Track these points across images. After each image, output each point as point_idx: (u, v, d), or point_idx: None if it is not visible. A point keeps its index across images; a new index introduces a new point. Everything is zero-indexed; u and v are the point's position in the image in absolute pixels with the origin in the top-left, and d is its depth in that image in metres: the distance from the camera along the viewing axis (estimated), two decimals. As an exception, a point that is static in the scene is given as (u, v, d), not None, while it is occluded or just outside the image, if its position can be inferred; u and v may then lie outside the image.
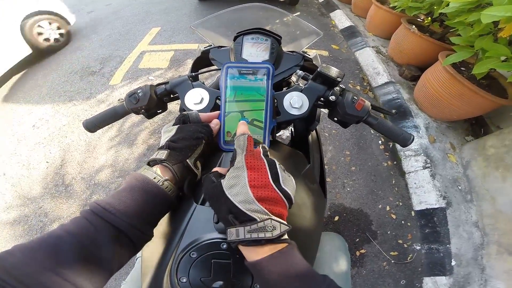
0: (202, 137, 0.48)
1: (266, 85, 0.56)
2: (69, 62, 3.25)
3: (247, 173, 0.39)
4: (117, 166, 2.02)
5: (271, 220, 0.36)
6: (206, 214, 0.46)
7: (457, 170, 1.86)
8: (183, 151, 0.46)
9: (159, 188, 0.42)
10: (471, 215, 1.65)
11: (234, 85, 0.56)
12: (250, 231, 0.35)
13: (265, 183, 0.38)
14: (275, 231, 0.35)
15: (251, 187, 0.37)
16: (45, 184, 1.94)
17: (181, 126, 0.49)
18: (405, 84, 2.60)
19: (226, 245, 0.42)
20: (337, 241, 0.82)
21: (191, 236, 0.44)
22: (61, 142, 2.21)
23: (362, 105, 0.60)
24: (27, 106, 2.62)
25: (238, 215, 0.37)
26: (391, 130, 0.62)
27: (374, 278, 1.51)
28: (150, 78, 2.85)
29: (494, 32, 1.66)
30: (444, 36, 2.49)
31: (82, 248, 0.33)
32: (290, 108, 0.61)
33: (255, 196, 0.37)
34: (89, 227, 0.35)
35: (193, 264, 0.42)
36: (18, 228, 1.73)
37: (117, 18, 4.40)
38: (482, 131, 2.12)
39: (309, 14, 4.42)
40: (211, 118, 0.55)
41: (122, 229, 0.36)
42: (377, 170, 2.00)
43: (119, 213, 0.37)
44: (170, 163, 0.44)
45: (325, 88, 0.63)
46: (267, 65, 0.56)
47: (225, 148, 0.56)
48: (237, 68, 0.57)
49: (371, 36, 3.50)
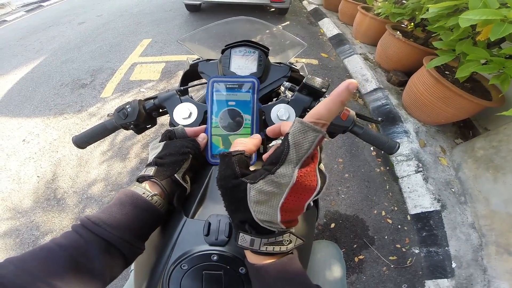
0: (189, 152, 0.49)
1: (251, 99, 0.57)
2: (60, 75, 3.22)
3: (287, 195, 0.30)
4: (109, 180, 1.98)
5: (289, 234, 0.35)
6: (196, 227, 0.47)
7: (449, 172, 1.90)
8: (170, 167, 0.47)
9: (148, 203, 0.42)
10: (466, 217, 1.67)
11: (220, 99, 0.57)
12: (267, 244, 0.34)
13: (300, 207, 0.32)
14: (290, 245, 0.35)
15: (282, 211, 0.31)
16: (36, 198, 1.90)
17: (167, 142, 0.50)
18: (393, 89, 2.66)
19: (216, 257, 0.42)
20: (331, 248, 0.81)
21: (182, 248, 0.45)
22: (52, 156, 2.17)
23: (347, 115, 0.61)
24: (17, 120, 2.57)
25: (255, 226, 0.34)
26: (377, 138, 0.63)
27: (374, 283, 1.51)
28: (141, 90, 2.84)
29: (473, 36, 1.72)
30: (428, 41, 2.57)
31: (73, 260, 0.33)
32: (278, 120, 0.62)
33: (283, 219, 0.32)
34: (80, 240, 0.35)
35: (185, 276, 0.42)
36: (10, 241, 1.68)
37: (108, 29, 4.41)
38: (471, 133, 2.18)
39: (298, 23, 4.51)
40: (198, 133, 0.55)
41: (112, 242, 0.37)
42: (370, 176, 2.02)
43: (109, 227, 0.37)
44: (158, 178, 0.45)
45: (311, 99, 0.64)
46: (252, 79, 0.57)
47: (212, 161, 0.56)
48: (223, 83, 0.57)
49: (359, 43, 3.58)
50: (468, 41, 1.71)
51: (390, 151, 0.62)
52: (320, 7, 4.99)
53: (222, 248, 0.43)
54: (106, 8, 5.62)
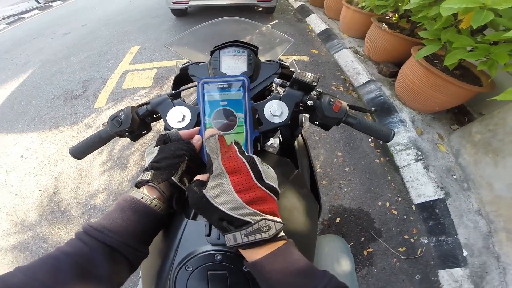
0: (184, 154, 0.49)
1: (243, 97, 0.57)
2: (51, 87, 3.17)
3: (229, 178, 0.38)
4: (111, 189, 1.97)
5: (265, 220, 0.37)
6: (198, 228, 0.47)
7: (448, 159, 1.93)
8: (166, 170, 0.47)
9: (147, 207, 0.43)
10: (471, 204, 1.67)
11: (211, 100, 0.57)
12: (247, 235, 0.36)
13: (251, 184, 0.39)
14: (271, 230, 0.37)
15: (238, 192, 0.38)
16: (40, 211, 1.88)
17: (162, 146, 0.50)
18: (385, 81, 2.70)
19: (220, 256, 0.43)
20: (337, 242, 0.82)
21: (185, 250, 0.45)
22: (51, 170, 2.14)
23: (339, 107, 0.62)
24: (12, 136, 2.53)
25: (231, 222, 0.37)
26: (371, 127, 0.64)
27: (386, 276, 1.51)
28: (135, 98, 2.82)
29: (456, 24, 1.74)
30: (413, 31, 2.60)
31: (79, 267, 0.34)
32: (271, 117, 0.62)
33: (244, 200, 0.37)
34: (84, 247, 0.36)
35: (190, 277, 0.43)
36: (20, 254, 1.68)
37: (94, 38, 4.35)
38: (466, 119, 2.22)
39: (286, 21, 4.53)
40: (193, 135, 0.55)
41: (116, 248, 0.38)
42: (371, 168, 2.05)
43: (111, 233, 0.38)
44: (155, 182, 0.45)
45: (302, 94, 0.64)
46: (242, 77, 0.57)
47: None
48: (213, 83, 0.57)
49: (347, 37, 3.62)
50: (452, 29, 1.74)
51: (386, 139, 0.63)
52: (306, 3, 5.02)
53: (225, 247, 0.44)
54: (90, 17, 5.54)
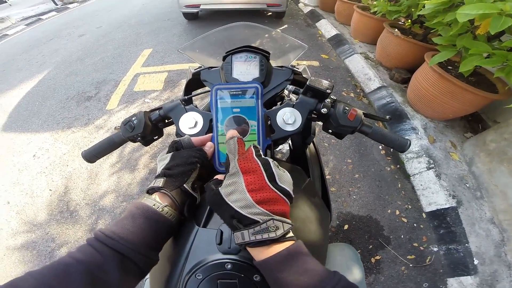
0: (196, 161, 0.49)
1: (256, 105, 0.56)
2: (64, 88, 3.25)
3: (243, 178, 0.40)
4: (120, 191, 1.99)
5: (273, 221, 0.37)
6: (209, 236, 0.47)
7: (461, 168, 1.88)
8: (179, 177, 0.47)
9: (159, 214, 0.43)
10: (484, 212, 1.64)
11: (224, 107, 0.56)
12: (254, 233, 0.37)
13: (263, 185, 0.39)
14: (278, 231, 0.37)
15: (249, 192, 0.39)
16: (50, 211, 1.92)
17: (174, 153, 0.50)
18: (397, 87, 2.66)
19: (230, 265, 0.43)
20: (347, 251, 0.81)
21: (196, 258, 0.45)
22: (62, 170, 2.18)
23: (355, 115, 0.60)
24: (26, 135, 2.59)
25: (241, 220, 0.38)
26: (387, 137, 0.62)
27: (393, 283, 1.49)
28: (146, 100, 2.86)
29: (472, 30, 1.71)
30: (426, 36, 2.57)
31: (90, 274, 0.34)
32: (284, 124, 0.61)
33: (255, 199, 0.38)
34: (95, 254, 0.36)
35: (200, 285, 0.43)
36: (27, 253, 1.71)
37: (108, 41, 4.46)
38: (480, 126, 2.16)
39: (296, 26, 4.54)
40: (205, 142, 0.55)
41: (127, 255, 0.38)
42: (381, 175, 2.01)
43: (122, 240, 0.38)
44: (167, 189, 0.45)
45: (316, 101, 0.63)
46: (255, 84, 0.57)
47: (220, 170, 0.56)
48: (226, 90, 0.57)
49: (358, 43, 3.59)
50: (468, 35, 1.71)
51: (402, 149, 0.62)
52: (316, 8, 5.03)
53: (236, 256, 0.43)
54: (104, 20, 5.69)
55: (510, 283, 1.38)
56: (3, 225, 1.86)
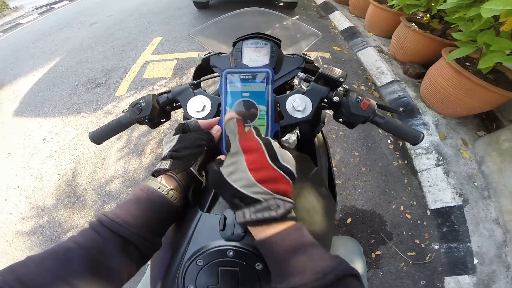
0: (204, 144, 0.48)
1: (266, 89, 0.55)
2: (75, 75, 3.30)
3: (244, 157, 0.39)
4: (126, 176, 2.02)
5: (274, 199, 0.37)
6: (212, 222, 0.46)
7: (471, 166, 1.84)
8: (186, 160, 0.46)
9: (164, 198, 0.42)
10: (490, 212, 1.61)
11: (234, 91, 0.56)
12: (255, 212, 0.37)
13: (264, 164, 0.39)
14: (280, 210, 0.37)
15: (251, 171, 0.38)
16: (57, 196, 1.96)
17: (181, 136, 0.49)
18: (410, 82, 2.60)
19: (232, 253, 0.42)
20: (351, 244, 0.81)
21: (198, 244, 0.44)
22: (71, 154, 2.23)
23: (368, 105, 0.59)
24: (37, 120, 2.66)
25: (243, 199, 0.38)
26: (400, 128, 0.61)
27: (391, 279, 1.48)
28: (155, 87, 2.88)
29: (495, 26, 1.65)
30: (445, 32, 2.50)
31: (92, 259, 0.34)
32: (294, 111, 0.60)
33: (256, 179, 0.37)
34: (97, 238, 0.36)
35: (200, 272, 0.42)
36: (34, 238, 1.75)
37: (119, 29, 4.47)
38: (494, 125, 2.10)
39: (308, 17, 4.45)
40: (212, 125, 0.54)
41: (129, 239, 0.37)
42: (388, 170, 1.98)
43: (126, 224, 0.38)
44: (174, 172, 0.44)
45: (328, 89, 0.62)
46: (266, 69, 0.55)
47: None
48: (236, 74, 0.56)
49: (372, 36, 3.50)
50: (491, 31, 1.65)
51: (415, 141, 0.60)
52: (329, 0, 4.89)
53: (238, 243, 0.43)
54: (116, 8, 5.69)
55: (506, 284, 1.37)
56: (13, 210, 1.91)
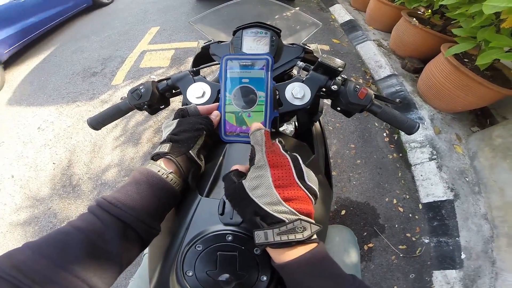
0: (203, 128, 0.49)
1: (265, 76, 0.56)
2: (70, 64, 3.25)
3: (270, 172, 0.37)
4: (123, 165, 2.02)
5: (300, 221, 0.34)
6: (211, 206, 0.46)
7: (464, 161, 1.85)
8: (185, 143, 0.46)
9: (164, 182, 0.42)
10: (479, 207, 1.63)
11: (233, 77, 0.56)
12: (280, 234, 0.34)
13: (291, 182, 0.36)
14: (306, 232, 0.34)
15: (276, 188, 0.36)
16: (52, 185, 1.95)
17: (181, 120, 0.50)
18: (408, 76, 2.59)
19: (231, 237, 0.42)
20: (346, 233, 0.82)
21: (197, 228, 0.44)
22: (66, 143, 2.22)
23: (365, 94, 0.60)
24: (31, 109, 2.63)
25: (265, 217, 0.35)
26: (396, 118, 0.62)
27: (382, 272, 1.51)
28: (152, 77, 2.85)
29: (496, 23, 1.65)
30: (445, 28, 2.49)
31: (90, 243, 0.33)
32: (292, 98, 0.61)
33: (282, 196, 0.35)
34: (97, 222, 0.35)
35: (199, 257, 0.41)
36: (29, 229, 1.75)
37: (115, 18, 4.39)
38: (488, 121, 2.11)
39: (308, 9, 4.39)
40: (211, 110, 0.55)
41: (129, 224, 0.37)
42: (382, 163, 2.00)
43: (126, 208, 0.37)
44: (173, 155, 0.44)
45: (327, 78, 0.62)
46: (266, 56, 0.56)
47: (226, 139, 0.56)
48: (236, 60, 0.57)
49: (372, 30, 3.47)
50: (491, 28, 1.65)
51: (410, 131, 0.61)
52: (331, -8, 4.83)
53: (237, 228, 0.43)
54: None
55: (490, 279, 1.40)
56: (7, 200, 1.90)
